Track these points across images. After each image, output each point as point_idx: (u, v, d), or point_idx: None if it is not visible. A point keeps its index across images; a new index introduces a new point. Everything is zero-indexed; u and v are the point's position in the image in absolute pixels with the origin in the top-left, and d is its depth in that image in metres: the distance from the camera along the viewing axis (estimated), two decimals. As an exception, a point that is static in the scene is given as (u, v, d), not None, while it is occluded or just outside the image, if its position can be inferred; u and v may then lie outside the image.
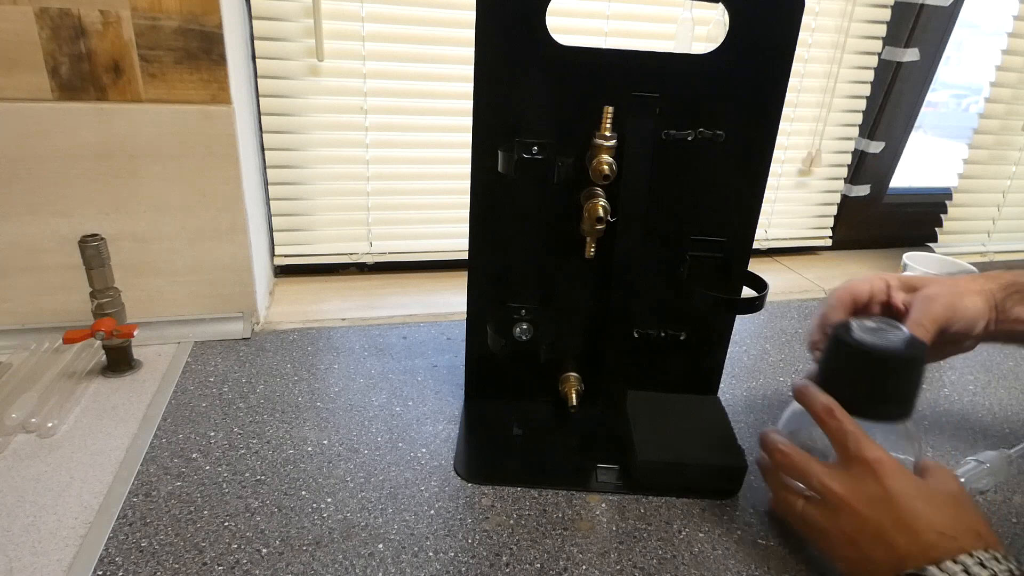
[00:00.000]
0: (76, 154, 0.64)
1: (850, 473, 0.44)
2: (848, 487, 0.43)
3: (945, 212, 1.11)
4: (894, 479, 0.42)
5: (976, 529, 0.40)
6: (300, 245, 0.90)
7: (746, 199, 0.55)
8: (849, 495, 0.43)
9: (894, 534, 0.40)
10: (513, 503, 0.52)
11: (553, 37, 0.50)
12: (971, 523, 0.40)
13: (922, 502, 0.41)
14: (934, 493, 0.42)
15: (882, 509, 0.41)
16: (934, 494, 0.42)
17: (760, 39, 0.50)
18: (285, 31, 0.78)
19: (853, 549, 0.42)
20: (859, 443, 0.44)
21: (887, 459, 0.43)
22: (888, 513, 0.41)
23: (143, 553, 0.45)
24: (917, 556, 0.38)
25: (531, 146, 0.50)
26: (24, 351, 0.66)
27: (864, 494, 0.42)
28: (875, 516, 0.41)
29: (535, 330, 0.58)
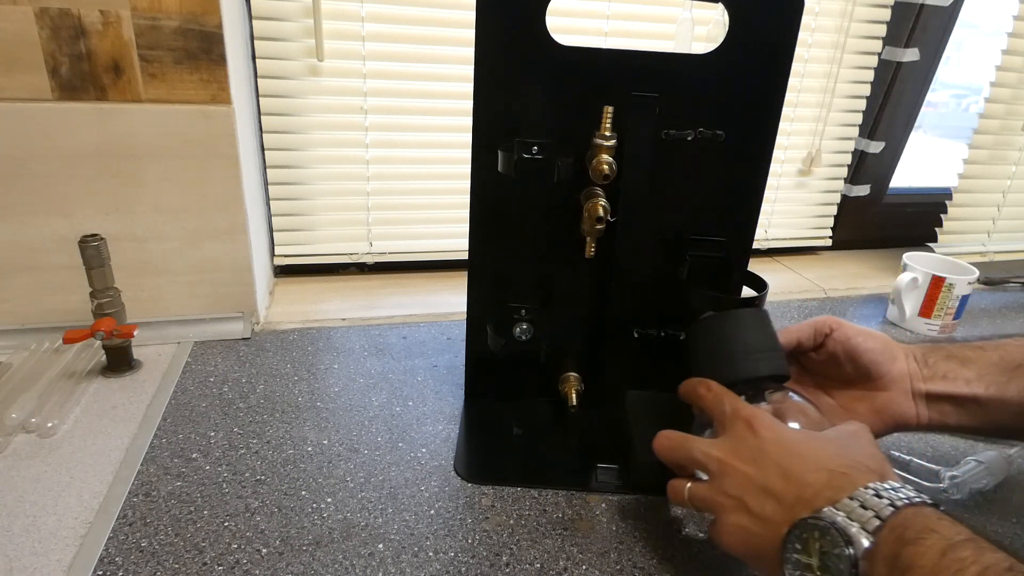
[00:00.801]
0: (76, 154, 0.64)
1: (728, 435, 0.42)
2: (727, 449, 0.41)
3: (945, 212, 1.11)
4: (771, 431, 0.40)
5: (866, 464, 0.37)
6: (300, 245, 0.90)
7: (746, 199, 0.55)
8: (729, 456, 0.41)
9: (780, 483, 0.37)
10: (513, 503, 0.52)
11: (553, 37, 0.50)
12: (861, 458, 0.38)
13: (804, 445, 0.39)
14: (818, 436, 0.41)
15: (763, 462, 0.39)
16: (818, 437, 0.41)
17: (760, 39, 0.50)
18: (285, 31, 0.78)
19: (744, 515, 0.39)
20: (733, 405, 0.43)
21: (761, 414, 0.42)
22: (770, 464, 0.38)
23: (143, 553, 0.45)
24: (809, 500, 0.36)
25: (531, 146, 0.50)
26: (24, 351, 0.66)
27: (743, 451, 0.40)
28: (758, 471, 0.39)
29: (535, 330, 0.58)
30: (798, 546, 0.35)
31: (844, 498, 0.34)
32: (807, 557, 0.34)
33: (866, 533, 0.32)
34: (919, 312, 0.87)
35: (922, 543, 0.30)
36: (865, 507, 0.33)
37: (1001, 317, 0.94)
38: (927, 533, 0.31)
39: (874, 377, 0.51)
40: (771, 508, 0.37)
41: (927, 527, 0.31)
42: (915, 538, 0.31)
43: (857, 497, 0.34)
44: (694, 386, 0.47)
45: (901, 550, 0.31)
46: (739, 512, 0.39)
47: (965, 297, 0.85)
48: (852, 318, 0.91)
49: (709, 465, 0.42)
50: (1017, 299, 1.02)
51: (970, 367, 0.50)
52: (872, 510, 0.33)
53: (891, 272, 1.02)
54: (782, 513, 0.37)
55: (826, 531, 0.33)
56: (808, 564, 0.34)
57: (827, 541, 0.33)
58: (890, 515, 0.32)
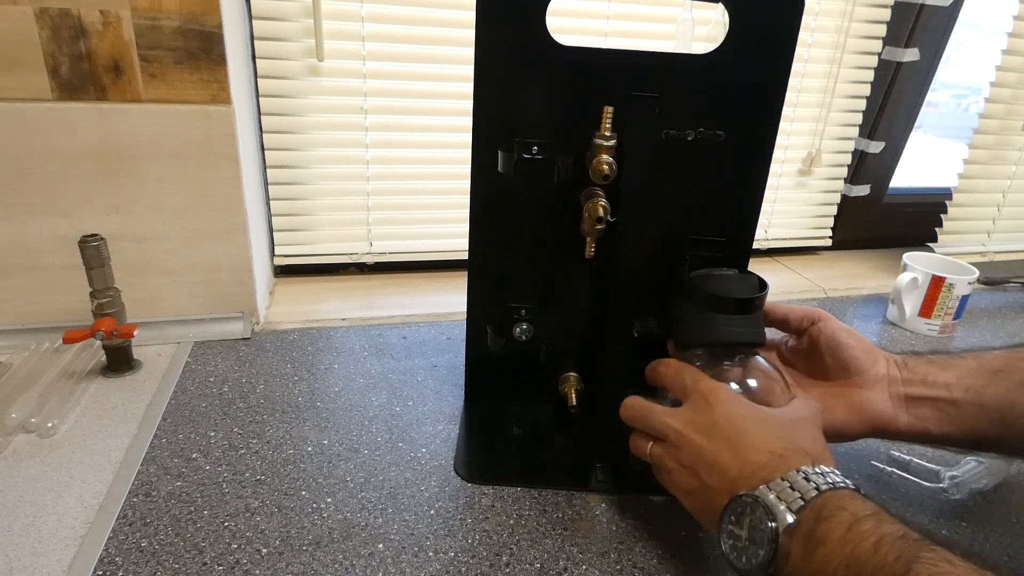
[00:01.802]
0: (76, 154, 0.64)
1: (687, 407, 0.45)
2: (684, 420, 0.44)
3: (945, 212, 1.11)
4: (725, 405, 0.43)
5: (804, 448, 0.40)
6: (300, 245, 0.90)
7: (746, 199, 0.55)
8: (685, 427, 0.44)
9: (727, 458, 0.41)
10: (513, 503, 0.52)
11: (553, 37, 0.50)
12: (800, 443, 0.41)
13: (752, 424, 0.42)
14: (767, 416, 0.43)
15: (715, 435, 0.42)
16: (767, 417, 0.43)
17: (760, 39, 0.50)
18: (285, 31, 0.78)
19: (695, 480, 0.43)
20: (694, 378, 0.46)
21: (720, 388, 0.45)
22: (721, 439, 0.42)
23: (143, 553, 0.45)
24: (748, 477, 0.39)
25: (531, 146, 0.50)
26: (24, 351, 0.66)
27: (699, 423, 0.43)
28: (710, 444, 0.42)
29: (535, 330, 0.58)
30: (733, 519, 0.39)
31: (777, 478, 0.38)
32: (739, 529, 0.38)
33: (791, 512, 0.36)
34: (919, 312, 0.87)
35: (833, 519, 0.34)
36: (794, 488, 0.37)
37: (1001, 317, 0.94)
38: (838, 511, 0.34)
39: (853, 374, 0.51)
40: (716, 479, 0.41)
41: (840, 506, 0.35)
42: (828, 515, 0.34)
43: (788, 479, 0.37)
44: (654, 367, 0.51)
45: (816, 526, 0.34)
46: (691, 478, 0.43)
47: (965, 297, 0.85)
48: (852, 318, 0.91)
49: (668, 435, 0.45)
50: (1017, 299, 1.02)
51: (950, 371, 0.50)
52: (799, 491, 0.36)
53: (891, 272, 1.02)
54: (725, 485, 0.40)
55: (755, 508, 0.37)
56: (739, 535, 0.38)
57: (756, 517, 0.37)
58: (814, 497, 0.36)
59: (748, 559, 0.37)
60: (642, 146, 0.51)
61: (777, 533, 0.36)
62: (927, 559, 0.30)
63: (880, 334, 0.87)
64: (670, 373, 0.49)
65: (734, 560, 0.38)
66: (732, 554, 0.38)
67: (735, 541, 0.38)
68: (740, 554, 0.38)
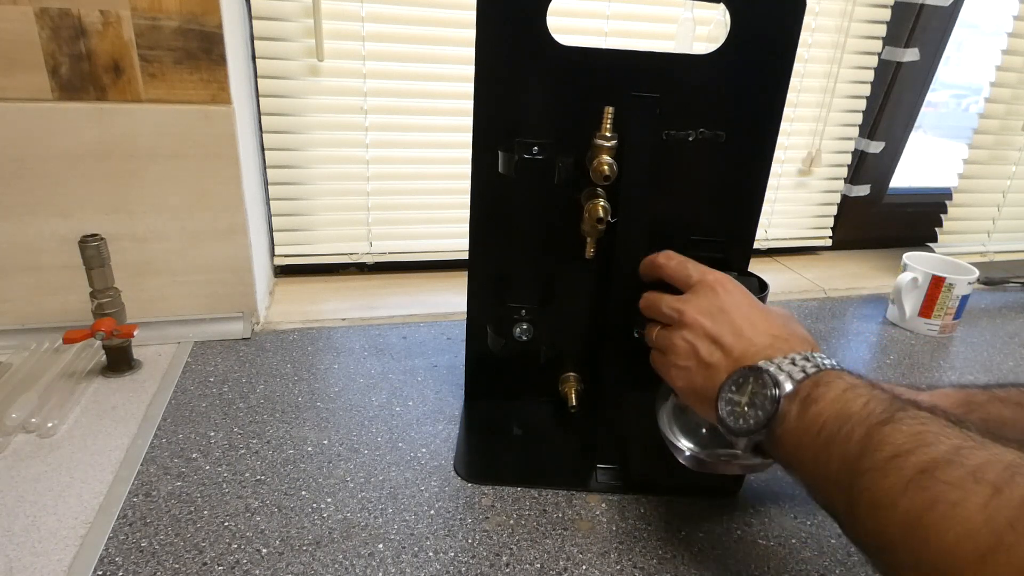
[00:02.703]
0: (76, 154, 0.64)
1: (693, 293, 0.48)
2: (690, 303, 0.47)
3: (945, 212, 1.11)
4: (732, 295, 0.46)
5: (804, 337, 0.44)
6: (300, 245, 0.90)
7: (747, 199, 0.55)
8: (691, 309, 0.46)
9: (731, 339, 0.44)
10: (513, 503, 0.52)
11: (554, 37, 0.50)
12: (800, 333, 0.45)
13: (756, 312, 0.45)
14: (769, 309, 0.46)
15: (721, 319, 0.45)
16: (769, 311, 0.46)
17: (761, 39, 0.50)
18: (285, 31, 0.78)
19: (693, 359, 0.45)
20: (700, 269, 0.48)
21: (726, 278, 0.47)
22: (726, 323, 0.44)
23: (143, 553, 0.45)
24: (752, 356, 0.42)
25: (531, 146, 0.50)
26: (24, 351, 0.66)
27: (705, 307, 0.46)
28: (714, 325, 0.45)
29: (535, 330, 0.58)
30: (734, 388, 0.42)
31: (779, 356, 0.41)
32: (739, 396, 0.41)
33: (792, 380, 0.39)
34: (919, 312, 0.87)
35: (829, 385, 0.38)
36: (795, 364, 0.40)
37: (1001, 317, 0.95)
38: (836, 379, 0.38)
39: None
40: (718, 357, 0.44)
41: (837, 376, 0.38)
42: (825, 382, 0.38)
43: (789, 357, 0.41)
44: (653, 258, 0.51)
45: (812, 391, 0.38)
46: (689, 357, 0.45)
47: (965, 297, 0.85)
48: (852, 318, 0.91)
49: (673, 316, 0.47)
50: (1017, 299, 1.02)
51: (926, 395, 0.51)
52: (799, 367, 0.40)
53: (891, 272, 1.02)
54: (726, 363, 0.43)
55: (759, 376, 0.40)
56: (738, 401, 0.41)
57: (758, 384, 0.40)
58: (813, 372, 0.39)
59: (745, 420, 0.40)
60: (643, 146, 0.51)
61: (779, 397, 0.39)
62: (911, 410, 0.34)
63: (880, 334, 0.87)
64: (672, 264, 0.50)
65: (731, 423, 0.41)
66: (729, 418, 0.41)
67: (733, 407, 0.41)
68: (737, 418, 0.41)
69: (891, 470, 0.31)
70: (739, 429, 0.41)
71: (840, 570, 0.48)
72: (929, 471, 0.30)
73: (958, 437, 0.31)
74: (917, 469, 0.30)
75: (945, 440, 0.31)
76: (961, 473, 0.29)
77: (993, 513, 0.27)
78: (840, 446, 0.35)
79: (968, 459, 0.29)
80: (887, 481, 0.31)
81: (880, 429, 0.33)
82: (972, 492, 0.28)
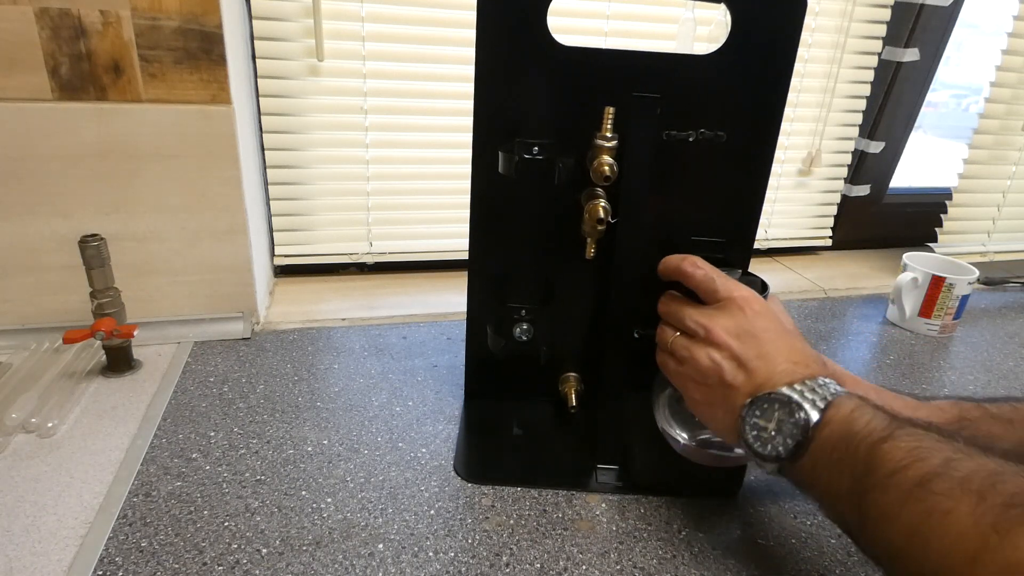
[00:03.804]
0: (76, 154, 0.64)
1: (719, 310, 0.47)
2: (719, 322, 0.47)
3: (945, 212, 1.11)
4: (760, 316, 0.46)
5: (817, 359, 0.46)
6: (300, 245, 0.90)
7: (747, 200, 0.54)
8: (717, 327, 0.46)
9: (756, 363, 0.44)
10: (513, 503, 0.52)
11: (554, 37, 0.50)
12: (813, 355, 0.46)
13: (781, 337, 0.46)
14: (788, 331, 0.47)
15: (749, 342, 0.45)
16: (788, 331, 0.47)
17: (762, 40, 0.50)
18: (285, 31, 0.78)
19: (716, 378, 0.46)
20: (727, 284, 0.48)
21: (754, 298, 0.47)
22: (753, 346, 0.45)
23: (143, 553, 0.45)
24: (775, 382, 0.43)
25: (532, 147, 0.50)
26: (24, 351, 0.66)
27: (733, 328, 0.46)
28: (742, 347, 0.45)
29: (535, 330, 0.58)
30: (758, 413, 0.42)
31: (799, 382, 0.42)
32: (765, 422, 0.42)
33: (816, 408, 0.40)
34: (919, 312, 0.87)
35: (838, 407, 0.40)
36: (815, 391, 0.41)
37: (1001, 317, 0.95)
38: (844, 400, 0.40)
39: None
40: (741, 380, 0.44)
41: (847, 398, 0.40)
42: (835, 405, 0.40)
43: (810, 384, 0.42)
44: (678, 263, 0.50)
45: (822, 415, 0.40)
46: (711, 375, 0.46)
47: (965, 297, 0.85)
48: (852, 318, 0.91)
49: (698, 332, 0.47)
50: (1017, 299, 1.02)
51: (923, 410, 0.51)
52: (820, 394, 0.41)
53: (891, 272, 1.02)
54: (748, 386, 0.44)
55: (786, 404, 0.41)
56: (765, 427, 0.42)
57: (785, 412, 0.41)
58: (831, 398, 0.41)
59: (773, 447, 0.41)
60: (643, 147, 0.51)
61: (809, 424, 0.40)
62: (908, 428, 0.36)
63: (880, 334, 0.87)
64: (699, 275, 0.49)
65: (759, 449, 0.42)
66: (756, 443, 0.42)
67: (759, 432, 0.42)
68: (765, 444, 0.42)
69: (892, 485, 0.34)
70: (768, 455, 0.42)
71: (840, 570, 0.48)
72: (924, 484, 0.33)
73: (949, 450, 0.34)
74: (914, 482, 0.33)
75: (937, 453, 0.34)
76: (951, 484, 0.32)
77: (979, 518, 0.30)
78: (849, 465, 0.37)
79: (957, 470, 0.32)
80: (889, 495, 0.34)
81: (880, 446, 0.36)
82: (961, 500, 0.31)
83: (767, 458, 0.42)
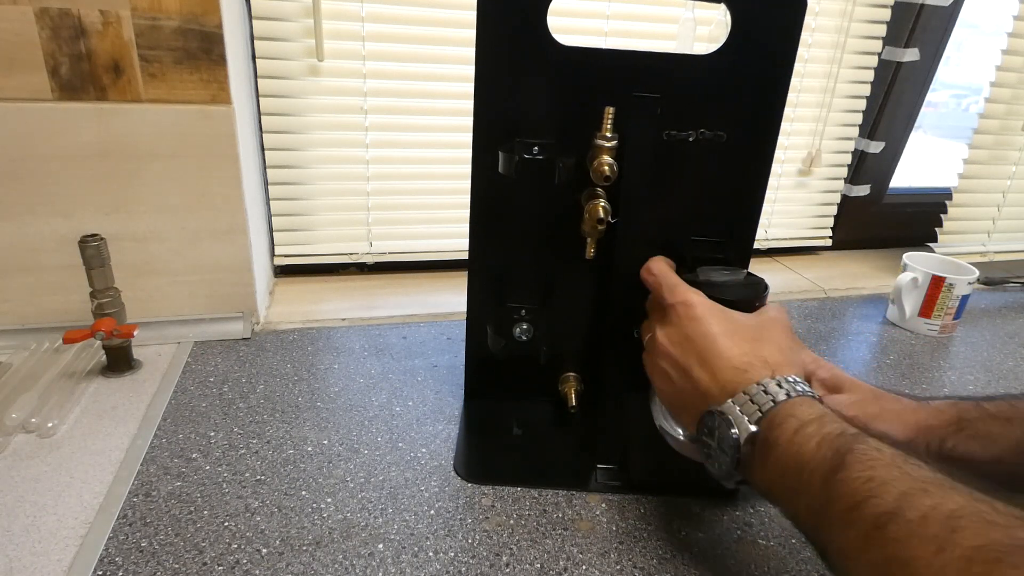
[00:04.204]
0: (76, 154, 0.64)
1: (665, 316, 0.48)
2: (662, 330, 0.47)
3: (945, 212, 1.11)
4: (696, 322, 0.46)
5: (765, 358, 0.43)
6: (300, 245, 0.90)
7: (747, 200, 0.55)
8: (661, 336, 0.47)
9: (699, 372, 0.44)
10: (513, 503, 0.52)
11: (554, 37, 0.50)
12: (763, 353, 0.44)
13: (723, 339, 0.44)
14: (736, 330, 0.45)
15: (688, 349, 0.45)
16: (736, 331, 0.45)
17: (762, 39, 0.50)
18: (285, 31, 0.78)
19: (669, 382, 0.47)
20: (671, 290, 0.48)
21: (696, 301, 0.46)
22: (692, 353, 0.45)
23: (143, 553, 0.45)
24: (716, 393, 0.43)
25: (532, 146, 0.50)
26: (24, 351, 0.66)
27: (673, 335, 0.46)
28: (682, 355, 0.45)
29: (535, 330, 0.58)
30: (706, 430, 0.43)
31: (740, 392, 0.41)
32: (710, 439, 0.42)
33: (751, 423, 0.40)
34: (919, 312, 0.87)
35: (782, 426, 0.38)
36: (753, 401, 0.40)
37: (1001, 317, 0.95)
38: (788, 418, 0.38)
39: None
40: (690, 387, 0.45)
41: (789, 413, 0.39)
42: (779, 423, 0.39)
43: (748, 392, 0.41)
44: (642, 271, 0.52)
45: (769, 434, 0.39)
46: (665, 378, 0.47)
47: (965, 297, 0.85)
48: (852, 318, 0.91)
49: (648, 339, 0.49)
50: (1017, 299, 1.02)
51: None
52: (758, 404, 0.40)
53: (891, 272, 1.02)
54: (698, 395, 0.44)
55: (721, 421, 0.41)
56: (711, 444, 0.42)
57: (723, 428, 0.41)
58: (770, 408, 0.40)
59: (720, 464, 0.42)
60: (643, 147, 0.51)
61: (739, 442, 0.40)
62: (859, 450, 0.34)
63: (880, 334, 0.87)
64: (652, 281, 0.50)
65: (709, 467, 0.43)
66: (708, 462, 0.43)
67: (709, 450, 0.43)
68: (713, 461, 0.42)
69: (849, 523, 0.33)
70: (716, 473, 0.42)
71: (840, 570, 0.48)
72: (880, 527, 0.31)
73: (905, 481, 0.32)
74: (870, 524, 0.32)
75: (892, 487, 0.32)
76: (907, 529, 0.30)
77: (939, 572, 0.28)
78: (804, 496, 0.36)
79: (912, 509, 0.30)
80: (848, 534, 0.33)
81: (834, 478, 0.34)
82: (918, 549, 0.29)
83: (716, 475, 0.42)
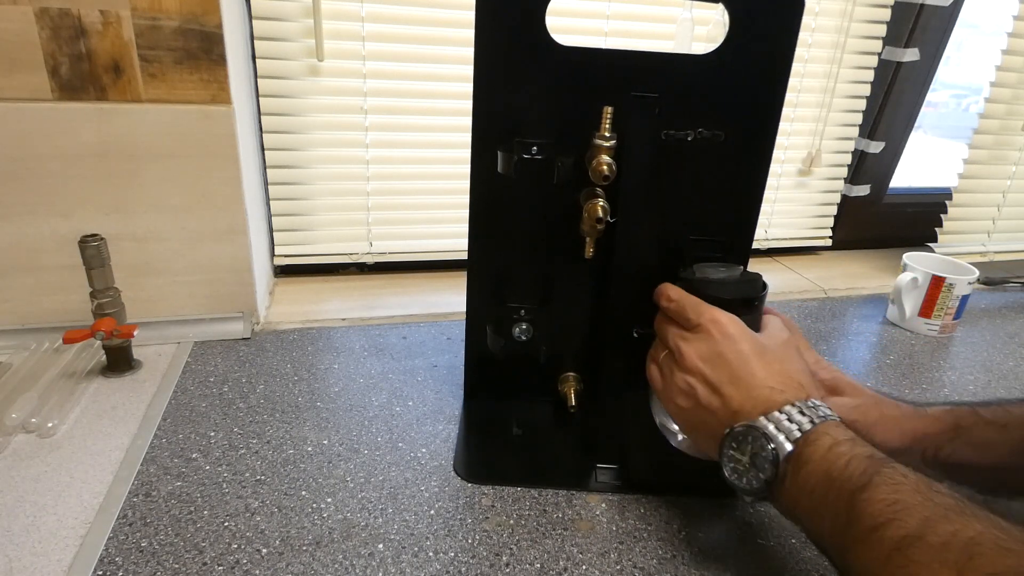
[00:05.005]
0: (76, 154, 0.64)
1: (695, 335, 0.48)
2: (692, 346, 0.47)
3: (945, 212, 1.11)
4: (731, 340, 0.46)
5: (799, 381, 0.44)
6: (300, 245, 0.90)
7: (746, 199, 0.55)
8: (692, 352, 0.47)
9: (730, 389, 0.44)
10: (513, 503, 0.52)
11: (553, 37, 0.50)
12: (796, 376, 0.44)
13: (756, 360, 0.45)
14: (767, 351, 0.46)
15: (720, 366, 0.45)
16: (767, 351, 0.46)
17: (760, 39, 0.50)
18: (285, 31, 0.78)
19: (690, 400, 0.46)
20: (698, 309, 0.48)
21: (726, 320, 0.47)
22: (725, 371, 0.45)
23: (143, 553, 0.45)
24: (749, 410, 0.43)
25: (531, 146, 0.50)
26: (24, 351, 0.66)
27: (705, 352, 0.46)
28: (713, 372, 0.45)
29: (535, 330, 0.58)
30: (734, 444, 0.42)
31: (775, 411, 0.42)
32: (740, 454, 0.42)
33: (788, 441, 0.40)
34: (919, 312, 0.87)
35: (816, 443, 0.39)
36: (791, 421, 0.41)
37: (1001, 317, 0.95)
38: (822, 436, 0.39)
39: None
40: (717, 404, 0.45)
41: (824, 432, 0.40)
42: (813, 440, 0.39)
43: (786, 412, 0.41)
44: (659, 291, 0.52)
45: (803, 450, 0.39)
46: (688, 397, 0.46)
47: (965, 297, 0.85)
48: (852, 318, 0.91)
49: (674, 352, 0.48)
50: (1017, 299, 1.02)
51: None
52: (796, 424, 0.40)
53: (891, 272, 1.02)
54: (724, 412, 0.44)
55: (758, 437, 0.41)
56: (740, 459, 0.42)
57: (758, 444, 0.41)
58: (808, 428, 0.40)
59: (748, 481, 0.41)
60: (642, 146, 0.51)
61: (779, 458, 0.40)
62: (886, 473, 0.35)
63: (880, 334, 0.87)
64: (673, 307, 0.50)
65: (735, 482, 0.42)
66: (732, 476, 0.42)
67: (735, 465, 0.42)
68: (740, 476, 0.42)
69: (872, 543, 0.34)
70: (744, 489, 0.42)
71: (840, 570, 0.48)
72: (903, 548, 0.32)
73: (926, 507, 0.33)
74: (892, 546, 0.33)
75: (916, 512, 0.33)
76: (929, 554, 0.31)
77: None
78: (830, 511, 0.37)
79: (935, 534, 0.32)
80: (871, 554, 0.34)
81: (860, 496, 0.35)
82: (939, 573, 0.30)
83: (743, 491, 0.42)
